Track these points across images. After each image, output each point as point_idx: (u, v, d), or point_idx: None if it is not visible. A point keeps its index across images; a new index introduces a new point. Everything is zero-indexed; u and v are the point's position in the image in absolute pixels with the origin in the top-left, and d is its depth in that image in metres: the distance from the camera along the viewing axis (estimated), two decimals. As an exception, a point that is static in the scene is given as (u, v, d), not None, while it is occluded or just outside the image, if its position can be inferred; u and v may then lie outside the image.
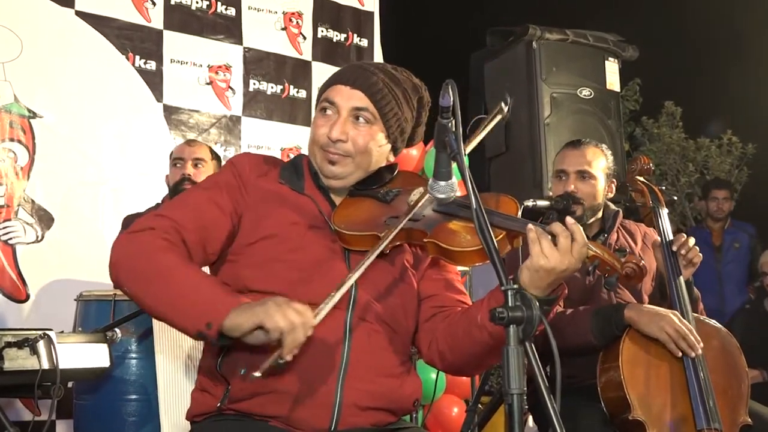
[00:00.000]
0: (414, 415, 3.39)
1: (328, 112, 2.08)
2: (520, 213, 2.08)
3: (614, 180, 3.23)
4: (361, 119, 2.08)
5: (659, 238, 2.94)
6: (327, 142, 2.05)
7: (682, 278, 2.83)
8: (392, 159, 2.21)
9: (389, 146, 2.15)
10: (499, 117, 2.23)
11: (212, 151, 4.07)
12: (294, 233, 2.02)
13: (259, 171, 2.11)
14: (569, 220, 1.88)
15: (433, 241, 2.00)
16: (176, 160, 3.96)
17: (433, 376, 3.96)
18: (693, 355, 2.62)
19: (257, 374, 1.75)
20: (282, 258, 1.99)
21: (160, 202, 3.99)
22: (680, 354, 2.63)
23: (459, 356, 2.05)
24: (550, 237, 1.82)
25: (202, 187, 2.12)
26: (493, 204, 2.07)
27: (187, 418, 2.07)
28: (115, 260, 1.93)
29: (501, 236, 1.93)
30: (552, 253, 1.81)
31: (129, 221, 3.92)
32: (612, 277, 1.95)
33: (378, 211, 2.08)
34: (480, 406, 3.40)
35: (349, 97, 2.07)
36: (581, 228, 1.86)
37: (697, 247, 2.87)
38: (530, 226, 1.87)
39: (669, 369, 2.66)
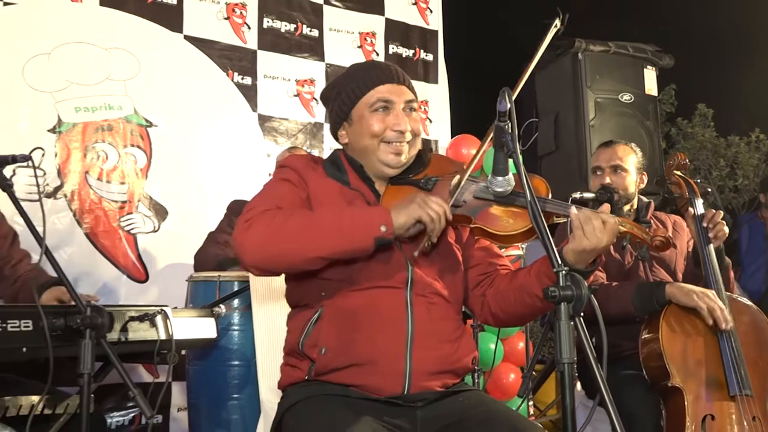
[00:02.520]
0: (476, 380, 3.37)
1: (384, 109, 2.05)
2: (551, 194, 2.05)
3: (644, 172, 3.23)
4: (411, 109, 2.08)
5: (692, 210, 2.89)
6: (396, 135, 2.04)
7: (711, 246, 2.79)
8: None
9: None
10: (554, 30, 2.19)
11: None
12: None
13: (309, 168, 2.08)
14: (603, 207, 1.91)
15: (480, 226, 1.99)
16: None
17: (492, 346, 3.93)
18: (723, 327, 2.56)
19: (416, 253, 1.92)
20: None
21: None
22: (711, 322, 2.57)
23: (510, 316, 2.08)
24: (590, 221, 1.84)
25: (276, 184, 2.06)
26: (543, 191, 2.04)
27: (279, 388, 2.10)
28: (252, 244, 1.87)
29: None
30: (592, 234, 1.83)
31: (235, 205, 3.96)
32: (643, 248, 1.96)
33: None
34: (534, 373, 3.36)
35: (401, 93, 2.07)
36: (609, 210, 1.89)
37: (724, 222, 2.83)
38: (573, 211, 1.87)
39: (704, 342, 2.60)
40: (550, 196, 2.03)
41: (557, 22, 2.17)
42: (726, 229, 2.83)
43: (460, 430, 1.89)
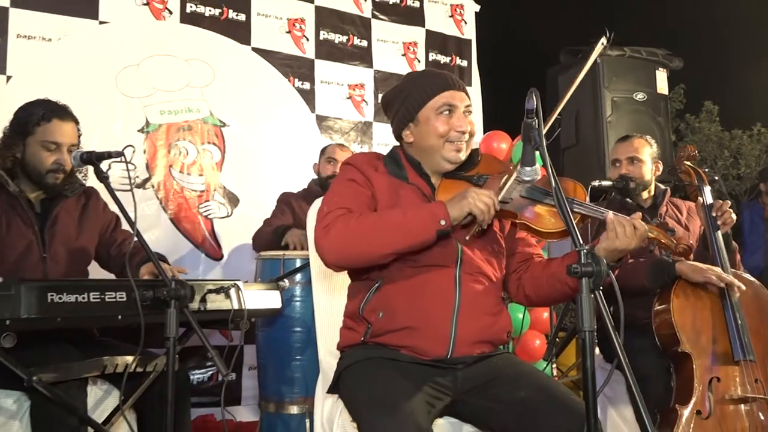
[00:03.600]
0: (506, 346, 3.35)
1: (448, 112, 2.03)
2: (587, 196, 2.06)
3: (659, 162, 3.17)
4: (468, 112, 2.06)
5: (701, 200, 2.82)
6: (458, 135, 2.02)
7: (719, 233, 2.72)
8: None
9: None
10: (601, 47, 2.19)
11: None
12: None
13: (371, 166, 2.07)
14: (636, 215, 1.90)
15: (524, 222, 1.99)
16: (330, 158, 3.93)
17: (520, 316, 3.89)
18: (737, 291, 2.50)
19: (467, 237, 1.92)
20: None
21: (306, 187, 4.02)
22: (723, 285, 2.50)
23: (542, 298, 2.07)
24: (624, 225, 1.84)
25: (345, 185, 2.04)
26: (571, 191, 2.03)
27: (337, 349, 2.11)
28: (332, 247, 1.87)
29: (576, 219, 1.94)
30: (623, 237, 1.83)
31: (284, 196, 3.98)
32: (667, 253, 1.97)
33: None
34: (557, 339, 3.33)
35: (461, 98, 2.05)
36: (640, 217, 1.89)
37: (731, 210, 2.75)
38: (609, 216, 1.86)
39: (711, 312, 2.54)
40: (587, 200, 2.04)
41: (604, 40, 2.17)
42: (733, 216, 2.76)
43: (494, 386, 1.91)
